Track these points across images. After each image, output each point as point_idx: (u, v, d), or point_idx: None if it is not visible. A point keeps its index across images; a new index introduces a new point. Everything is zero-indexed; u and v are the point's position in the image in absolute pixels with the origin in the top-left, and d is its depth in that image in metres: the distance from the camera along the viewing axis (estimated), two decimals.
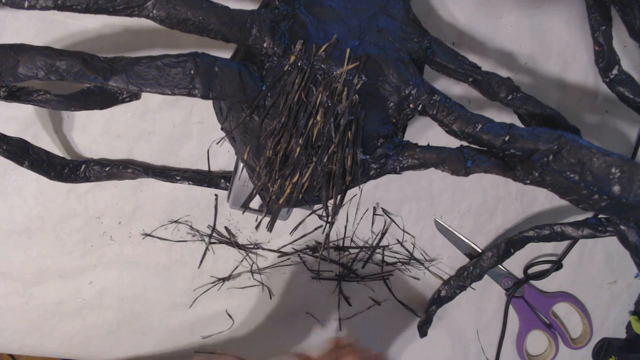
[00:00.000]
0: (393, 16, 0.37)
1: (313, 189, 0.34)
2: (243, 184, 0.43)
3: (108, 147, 0.45)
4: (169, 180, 0.45)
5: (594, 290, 0.58)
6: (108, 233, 0.47)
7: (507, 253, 0.50)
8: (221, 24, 0.32)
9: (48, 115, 0.44)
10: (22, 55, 0.28)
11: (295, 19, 0.34)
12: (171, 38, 0.42)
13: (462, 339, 0.57)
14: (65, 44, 0.42)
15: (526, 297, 0.56)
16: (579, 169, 0.30)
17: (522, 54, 0.49)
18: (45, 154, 0.41)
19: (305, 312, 0.53)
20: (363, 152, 0.35)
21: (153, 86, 0.30)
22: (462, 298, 0.53)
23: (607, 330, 0.59)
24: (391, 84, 0.35)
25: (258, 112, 0.33)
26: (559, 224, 0.48)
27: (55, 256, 0.47)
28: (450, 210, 0.53)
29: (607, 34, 0.43)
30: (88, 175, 0.43)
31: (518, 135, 0.32)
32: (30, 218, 0.46)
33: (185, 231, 0.48)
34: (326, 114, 0.33)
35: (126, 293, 0.49)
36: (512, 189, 0.53)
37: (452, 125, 0.35)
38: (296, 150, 0.33)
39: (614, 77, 0.44)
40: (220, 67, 0.31)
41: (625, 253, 0.42)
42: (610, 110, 0.52)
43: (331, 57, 0.33)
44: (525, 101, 0.39)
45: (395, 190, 0.51)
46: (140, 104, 0.44)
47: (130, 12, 0.30)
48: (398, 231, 0.52)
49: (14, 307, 0.48)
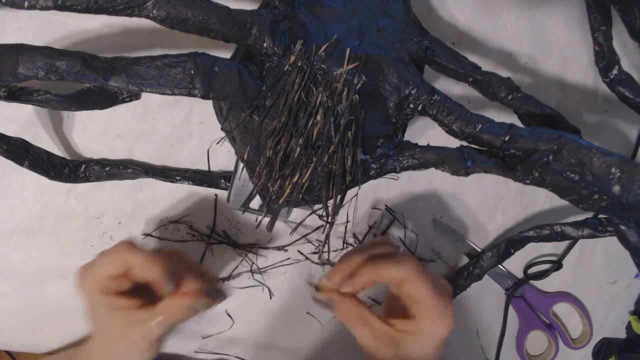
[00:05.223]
0: (393, 16, 0.37)
1: (313, 189, 0.34)
2: (243, 184, 0.43)
3: (108, 147, 0.45)
4: (169, 180, 0.45)
5: (594, 290, 0.58)
6: (108, 233, 0.47)
7: (507, 253, 0.50)
8: (221, 24, 0.32)
9: (48, 115, 0.44)
10: (22, 55, 0.28)
11: (295, 19, 0.34)
12: (171, 38, 0.42)
13: (462, 339, 0.56)
14: (65, 44, 0.42)
15: (526, 297, 0.56)
16: (579, 169, 0.30)
17: (522, 54, 0.49)
18: (45, 154, 0.41)
19: (306, 312, 0.53)
20: (363, 152, 0.35)
21: (153, 86, 0.30)
22: (462, 298, 0.53)
23: (607, 330, 0.59)
24: (391, 84, 0.35)
25: (258, 112, 0.33)
26: (559, 224, 0.48)
27: (55, 256, 0.47)
28: (450, 210, 0.53)
29: (607, 34, 0.43)
30: (88, 175, 0.43)
31: (518, 135, 0.32)
32: (30, 218, 0.46)
33: (185, 231, 0.48)
34: (326, 114, 0.33)
35: None
36: (512, 189, 0.53)
37: (452, 125, 0.35)
38: (296, 150, 0.33)
39: (614, 77, 0.44)
40: (220, 67, 0.31)
41: (625, 253, 0.42)
42: (610, 110, 0.52)
43: (331, 57, 0.33)
44: (525, 101, 0.39)
45: (395, 190, 0.51)
46: (140, 104, 0.44)
47: (130, 12, 0.30)
48: (398, 231, 0.52)
49: (14, 307, 0.48)
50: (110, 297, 0.34)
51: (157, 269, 0.33)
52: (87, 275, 0.34)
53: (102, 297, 0.34)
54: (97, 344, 0.36)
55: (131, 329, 0.34)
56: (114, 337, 0.34)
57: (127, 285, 0.35)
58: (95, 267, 0.34)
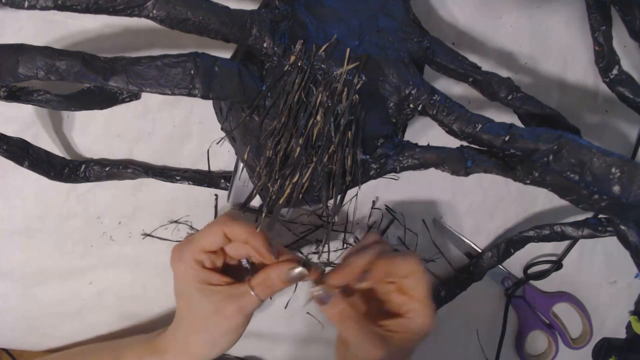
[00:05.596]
0: (393, 16, 0.37)
1: (313, 189, 0.34)
2: (243, 184, 0.43)
3: (108, 147, 0.45)
4: (169, 180, 0.45)
5: (594, 290, 0.58)
6: (108, 233, 0.47)
7: (507, 253, 0.50)
8: (221, 24, 0.32)
9: (48, 115, 0.44)
10: (22, 55, 0.28)
11: (295, 19, 0.34)
12: (171, 38, 0.42)
13: (462, 339, 0.56)
14: (65, 44, 0.42)
15: (526, 297, 0.56)
16: (579, 169, 0.30)
17: (522, 54, 0.49)
18: (45, 154, 0.41)
19: (306, 312, 0.52)
20: (363, 152, 0.35)
21: (153, 86, 0.30)
22: (462, 298, 0.53)
23: (607, 330, 0.59)
24: (391, 84, 0.35)
25: (258, 112, 0.33)
26: (559, 224, 0.48)
27: (55, 256, 0.47)
28: (450, 210, 0.53)
29: (607, 34, 0.43)
30: (88, 175, 0.43)
31: (518, 135, 0.32)
32: (30, 218, 0.46)
33: (185, 231, 0.48)
34: (326, 114, 0.33)
35: (126, 293, 0.49)
36: (512, 189, 0.53)
37: (452, 125, 0.35)
38: (296, 150, 0.33)
39: (614, 77, 0.44)
40: (220, 67, 0.31)
41: (625, 253, 0.42)
42: (610, 110, 0.52)
43: (331, 57, 0.33)
44: (525, 101, 0.39)
45: (396, 190, 0.51)
46: (140, 104, 0.44)
47: (130, 12, 0.30)
48: (398, 231, 0.52)
49: (14, 307, 0.48)
50: (206, 271, 0.35)
51: (260, 236, 0.34)
52: (185, 249, 0.35)
53: (198, 271, 0.35)
54: (188, 323, 0.36)
55: (228, 303, 0.34)
56: (208, 313, 0.35)
57: (220, 263, 0.36)
58: (194, 241, 0.35)
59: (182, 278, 0.36)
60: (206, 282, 0.35)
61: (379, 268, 0.35)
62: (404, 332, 0.35)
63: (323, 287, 0.34)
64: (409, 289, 0.35)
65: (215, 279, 0.35)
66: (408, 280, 0.35)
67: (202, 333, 0.35)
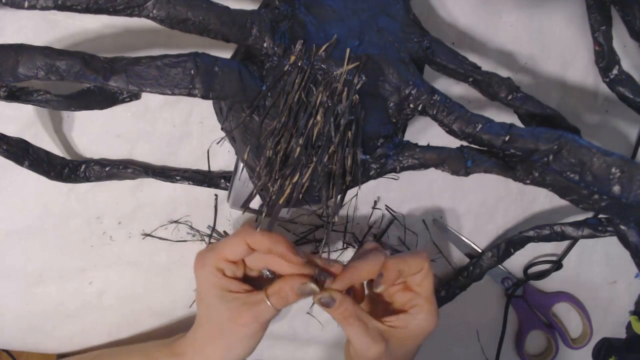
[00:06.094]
0: (393, 16, 0.37)
1: (313, 189, 0.34)
2: (243, 184, 0.43)
3: (108, 147, 0.45)
4: (169, 180, 0.45)
5: (594, 290, 0.58)
6: (108, 233, 0.47)
7: (507, 253, 0.50)
8: (221, 24, 0.32)
9: (48, 115, 0.44)
10: (22, 55, 0.28)
11: (295, 19, 0.34)
12: (171, 38, 0.42)
13: (462, 339, 0.56)
14: (65, 44, 0.42)
15: (526, 297, 0.56)
16: (579, 169, 0.30)
17: (522, 54, 0.49)
18: (45, 154, 0.40)
19: (306, 312, 0.53)
20: (363, 152, 0.35)
21: (153, 86, 0.30)
22: (462, 298, 0.53)
23: (607, 330, 0.59)
24: (391, 84, 0.35)
25: (258, 112, 0.33)
26: (559, 224, 0.48)
27: (55, 256, 0.47)
28: (450, 210, 0.53)
29: (607, 34, 0.43)
30: (88, 175, 0.43)
31: (518, 135, 0.32)
32: (30, 218, 0.46)
33: (185, 231, 0.48)
34: (326, 114, 0.33)
35: (126, 293, 0.49)
36: (512, 189, 0.53)
37: (452, 125, 0.35)
38: (296, 150, 0.33)
39: (614, 77, 0.44)
40: (221, 67, 0.31)
41: (625, 253, 0.42)
42: (610, 110, 0.52)
43: (331, 57, 0.33)
44: (525, 101, 0.39)
45: (395, 190, 0.51)
46: (140, 104, 0.44)
47: (130, 12, 0.30)
48: (398, 231, 0.52)
49: (14, 307, 0.48)
50: (226, 279, 0.35)
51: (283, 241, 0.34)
52: (207, 256, 0.36)
53: (218, 279, 0.35)
54: (206, 329, 0.37)
55: (243, 310, 0.35)
56: (225, 319, 0.35)
57: (240, 274, 0.37)
58: (217, 249, 0.36)
59: (203, 284, 0.36)
60: (226, 289, 0.35)
61: (391, 268, 0.35)
62: (406, 327, 0.36)
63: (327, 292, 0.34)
64: (414, 284, 0.36)
65: (235, 286, 0.36)
66: (415, 275, 0.36)
67: (218, 339, 0.36)
